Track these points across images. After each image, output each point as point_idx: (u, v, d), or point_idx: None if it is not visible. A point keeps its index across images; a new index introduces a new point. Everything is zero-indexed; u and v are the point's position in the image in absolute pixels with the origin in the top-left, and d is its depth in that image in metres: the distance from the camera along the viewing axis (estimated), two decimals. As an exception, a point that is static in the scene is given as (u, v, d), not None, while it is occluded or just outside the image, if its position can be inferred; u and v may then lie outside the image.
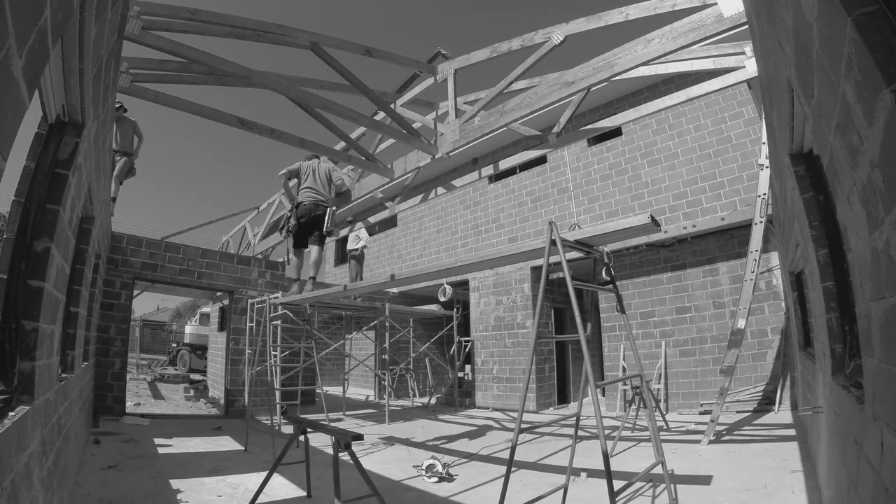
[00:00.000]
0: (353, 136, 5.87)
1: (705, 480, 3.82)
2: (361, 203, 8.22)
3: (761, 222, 5.16)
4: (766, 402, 6.61)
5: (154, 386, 12.32)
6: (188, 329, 19.07)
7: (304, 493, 3.78)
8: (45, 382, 1.97)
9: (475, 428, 7.25)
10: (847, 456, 1.78)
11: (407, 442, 6.17)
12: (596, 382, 2.54)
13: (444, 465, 4.35)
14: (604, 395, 8.52)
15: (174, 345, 20.96)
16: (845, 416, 1.81)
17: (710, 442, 5.07)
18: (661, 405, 7.23)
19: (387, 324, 9.26)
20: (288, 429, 6.78)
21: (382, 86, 5.66)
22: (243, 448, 5.51)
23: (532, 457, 5.10)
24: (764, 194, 5.08)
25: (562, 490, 3.15)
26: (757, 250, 5.13)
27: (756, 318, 6.83)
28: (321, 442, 6.04)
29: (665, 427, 6.46)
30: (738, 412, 6.62)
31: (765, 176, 5.04)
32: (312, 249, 5.45)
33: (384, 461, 5.07)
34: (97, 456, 4.59)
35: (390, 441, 6.25)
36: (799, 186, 2.41)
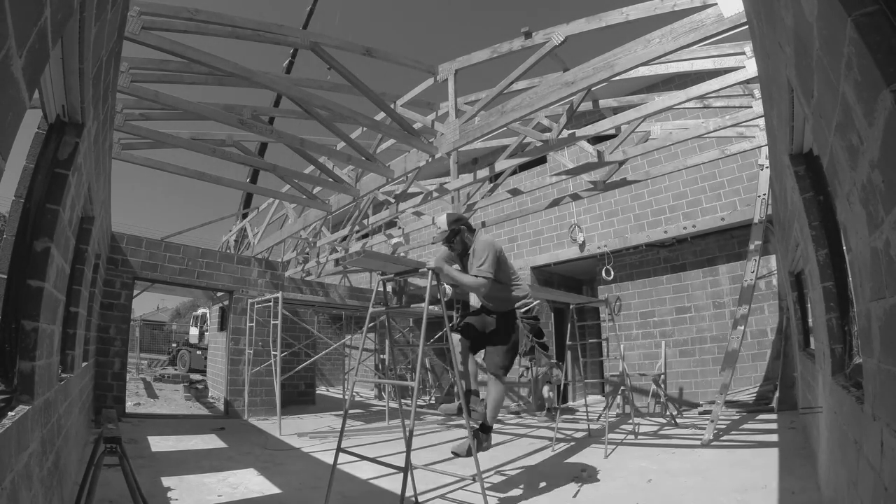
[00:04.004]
0: (353, 136, 5.87)
1: (704, 480, 3.82)
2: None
3: (761, 222, 5.18)
4: (766, 403, 6.61)
5: (150, 385, 12.29)
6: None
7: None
8: (45, 382, 1.97)
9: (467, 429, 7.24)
10: (847, 456, 1.78)
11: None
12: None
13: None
14: (603, 394, 8.52)
15: (174, 345, 20.96)
16: (845, 416, 1.81)
17: (711, 442, 5.08)
18: (661, 404, 7.24)
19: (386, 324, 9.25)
20: (287, 429, 6.78)
21: (382, 86, 5.67)
22: (243, 448, 5.51)
23: (519, 455, 5.10)
24: (764, 194, 5.11)
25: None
26: (756, 253, 5.17)
27: (756, 318, 6.83)
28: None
29: (674, 423, 6.49)
30: (738, 412, 6.62)
31: (765, 176, 5.08)
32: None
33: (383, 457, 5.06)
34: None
35: (386, 437, 6.25)
36: (799, 186, 2.41)
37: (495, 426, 7.34)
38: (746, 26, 2.62)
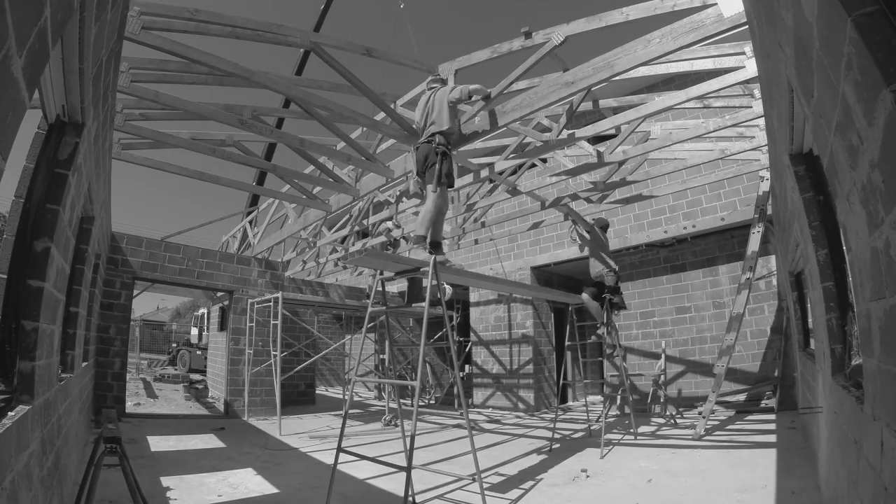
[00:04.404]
0: (353, 136, 5.87)
1: (703, 480, 3.82)
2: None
3: (758, 232, 5.25)
4: (757, 403, 6.62)
5: (149, 385, 12.29)
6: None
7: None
8: (45, 382, 1.97)
9: (467, 429, 7.24)
10: (847, 456, 1.78)
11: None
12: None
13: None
14: (603, 394, 8.51)
15: (174, 345, 20.96)
16: (845, 416, 1.81)
17: (702, 437, 5.13)
18: (661, 405, 7.24)
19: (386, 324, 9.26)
20: (287, 429, 6.78)
21: (382, 86, 5.67)
22: (243, 448, 5.51)
23: (518, 455, 5.09)
24: (758, 230, 5.25)
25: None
26: (747, 287, 5.27)
27: (756, 318, 6.83)
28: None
29: (674, 423, 6.49)
30: (738, 412, 6.62)
31: (765, 187, 5.15)
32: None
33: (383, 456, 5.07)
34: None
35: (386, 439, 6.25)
36: (799, 186, 2.41)
37: (492, 426, 7.34)
38: (746, 26, 2.62)
